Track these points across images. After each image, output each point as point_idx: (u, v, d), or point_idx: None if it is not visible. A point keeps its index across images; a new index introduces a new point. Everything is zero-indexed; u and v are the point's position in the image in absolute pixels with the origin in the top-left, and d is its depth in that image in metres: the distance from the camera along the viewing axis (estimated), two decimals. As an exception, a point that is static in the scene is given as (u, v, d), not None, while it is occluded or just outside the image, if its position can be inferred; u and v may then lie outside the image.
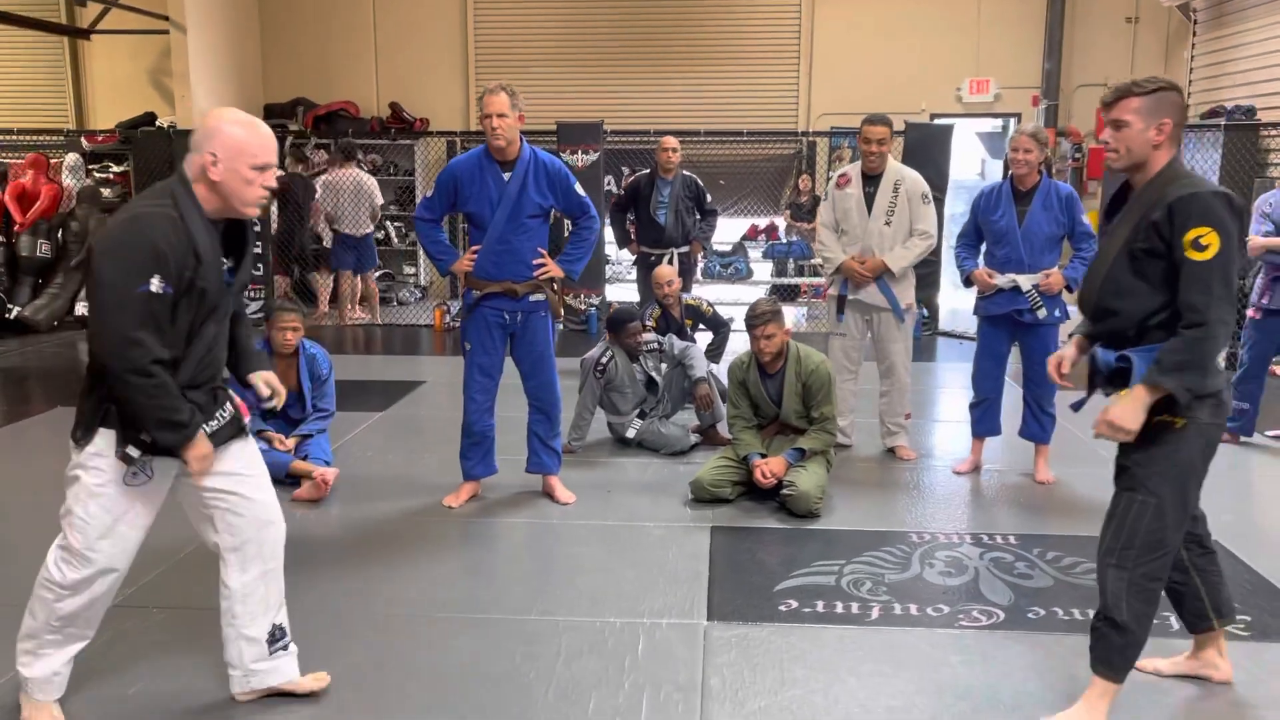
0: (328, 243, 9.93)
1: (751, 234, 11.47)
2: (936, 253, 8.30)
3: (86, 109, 12.11)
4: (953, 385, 7.11)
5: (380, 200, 9.90)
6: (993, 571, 3.79)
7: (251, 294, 9.68)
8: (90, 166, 10.68)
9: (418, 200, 9.58)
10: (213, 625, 3.30)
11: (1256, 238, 5.33)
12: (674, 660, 3.12)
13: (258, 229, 9.58)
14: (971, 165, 11.92)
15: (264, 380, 2.87)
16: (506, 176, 4.22)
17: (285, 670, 2.86)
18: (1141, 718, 2.81)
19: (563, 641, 3.24)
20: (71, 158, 10.41)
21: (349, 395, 5.78)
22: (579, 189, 4.38)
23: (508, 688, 2.96)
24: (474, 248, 4.32)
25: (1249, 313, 5.47)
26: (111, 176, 10.80)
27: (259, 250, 9.64)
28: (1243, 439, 5.56)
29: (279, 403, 2.91)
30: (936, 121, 10.37)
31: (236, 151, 2.49)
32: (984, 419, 5.07)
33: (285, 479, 4.68)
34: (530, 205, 4.25)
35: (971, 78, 11.32)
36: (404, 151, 11.36)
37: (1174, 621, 3.37)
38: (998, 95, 11.34)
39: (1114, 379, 2.67)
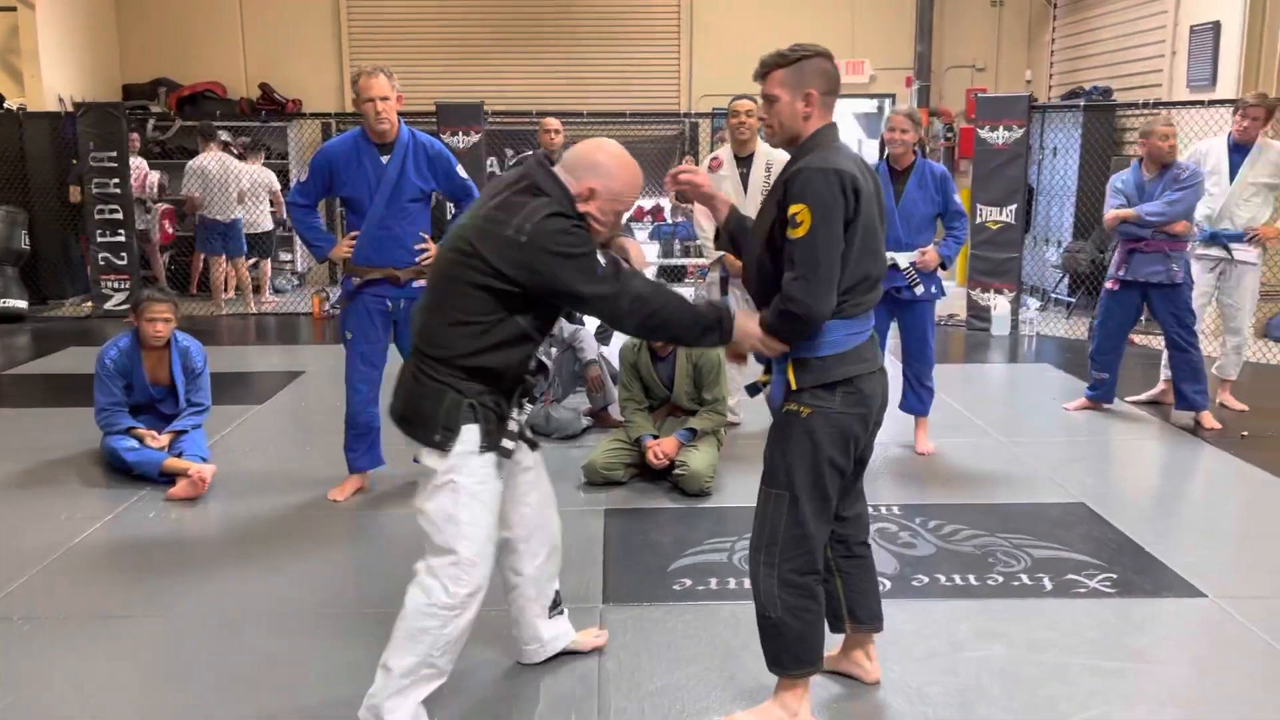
0: None
1: (638, 215, 11.48)
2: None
3: (-74, 90, 11.29)
4: (836, 361, 7.27)
5: (278, 186, 9.55)
6: (878, 541, 3.89)
7: (116, 284, 9.23)
8: (-67, 151, 9.96)
9: (291, 185, 9.32)
10: (85, 634, 3.17)
11: (1111, 211, 5.55)
12: (570, 645, 3.11)
13: (120, 216, 9.12)
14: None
15: None
16: (385, 159, 4.11)
17: (565, 632, 3.02)
18: (1012, 678, 2.94)
19: (457, 632, 3.19)
20: (-89, 142, 9.69)
21: (225, 388, 5.57)
22: (461, 171, 4.30)
23: (401, 683, 2.90)
24: (352, 233, 4.20)
25: (1107, 284, 5.71)
26: (-44, 161, 10.10)
27: (122, 239, 9.17)
28: (1105, 406, 5.86)
29: None
30: (814, 102, 10.56)
31: (614, 195, 2.49)
32: (866, 394, 5.19)
33: (159, 477, 4.48)
34: (410, 189, 4.15)
35: (847, 59, 11.58)
36: (276, 134, 10.94)
37: (1047, 583, 3.54)
38: (873, 76, 11.64)
39: (766, 361, 2.65)
